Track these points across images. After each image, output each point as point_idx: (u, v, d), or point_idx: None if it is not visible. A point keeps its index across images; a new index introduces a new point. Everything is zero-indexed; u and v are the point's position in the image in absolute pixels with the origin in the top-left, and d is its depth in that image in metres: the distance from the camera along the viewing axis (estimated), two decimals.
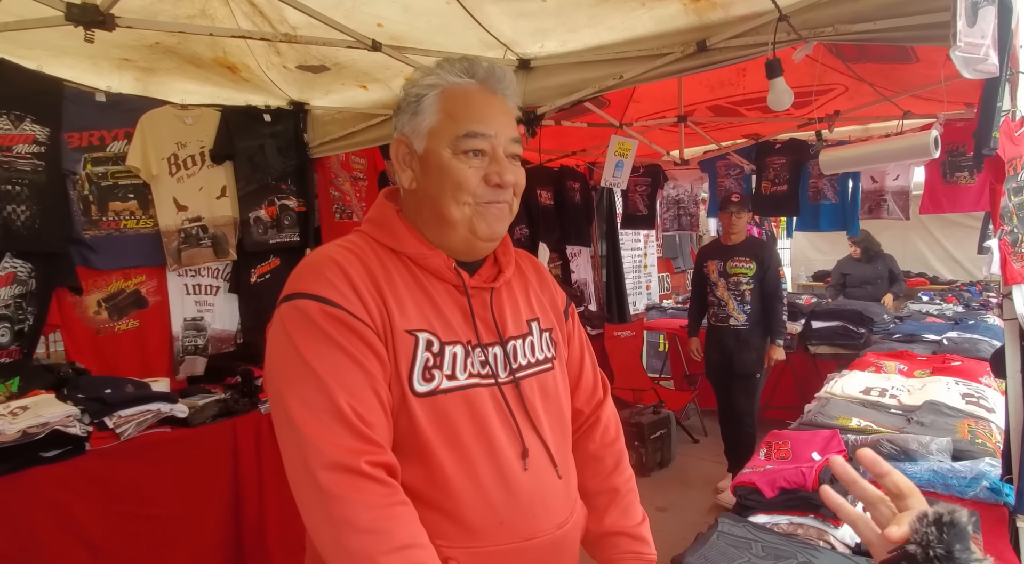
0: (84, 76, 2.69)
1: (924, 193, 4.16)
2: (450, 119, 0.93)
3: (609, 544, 1.06)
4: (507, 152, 0.95)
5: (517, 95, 1.00)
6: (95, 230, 2.73)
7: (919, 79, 3.09)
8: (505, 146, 0.94)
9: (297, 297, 0.86)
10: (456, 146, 0.92)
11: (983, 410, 2.28)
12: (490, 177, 0.92)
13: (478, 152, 0.92)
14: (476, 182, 0.92)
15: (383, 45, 2.36)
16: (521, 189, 0.98)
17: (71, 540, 2.13)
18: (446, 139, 0.92)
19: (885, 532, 0.58)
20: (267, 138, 3.22)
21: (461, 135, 0.92)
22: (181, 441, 2.44)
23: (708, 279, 3.75)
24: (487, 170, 0.93)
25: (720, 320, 3.71)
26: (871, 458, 0.63)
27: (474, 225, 0.93)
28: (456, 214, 0.93)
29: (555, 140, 4.36)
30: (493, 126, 0.93)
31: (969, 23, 1.14)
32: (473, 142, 0.92)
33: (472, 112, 0.93)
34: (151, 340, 2.92)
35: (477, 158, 0.92)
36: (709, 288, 3.75)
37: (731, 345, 3.66)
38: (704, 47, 2.18)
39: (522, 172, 0.97)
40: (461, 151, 0.92)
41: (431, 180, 0.94)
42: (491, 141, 0.93)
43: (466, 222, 0.93)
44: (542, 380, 1.00)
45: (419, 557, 0.78)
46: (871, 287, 5.44)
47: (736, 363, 3.66)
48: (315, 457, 0.77)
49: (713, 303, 3.75)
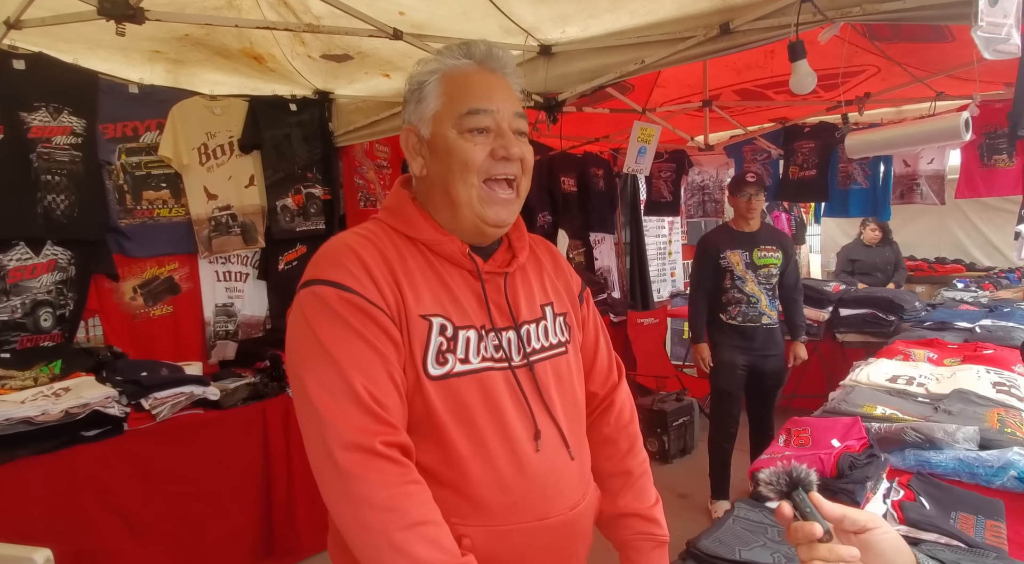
0: (117, 68, 2.78)
1: (960, 177, 4.04)
2: (452, 101, 0.94)
3: (622, 525, 1.08)
4: (512, 128, 0.95)
5: (519, 76, 1.01)
6: (130, 218, 2.82)
7: (954, 59, 2.99)
8: (510, 121, 0.95)
9: (315, 283, 0.89)
10: (460, 125, 0.93)
11: (1015, 399, 2.22)
12: (496, 151, 0.94)
13: (482, 129, 0.94)
14: (482, 158, 0.93)
15: (404, 33, 2.38)
16: (529, 166, 0.98)
17: (111, 515, 2.23)
18: (450, 120, 0.94)
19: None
20: (293, 127, 3.28)
21: (464, 113, 0.93)
22: (213, 423, 2.53)
23: (731, 273, 3.23)
24: (493, 145, 0.94)
25: (750, 320, 3.20)
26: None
27: (481, 211, 0.95)
28: (463, 195, 0.94)
29: (578, 127, 4.33)
30: (495, 101, 0.94)
31: (991, 2, 1.11)
32: (476, 119, 0.93)
33: (472, 90, 0.94)
34: (184, 325, 3.03)
35: (482, 135, 0.94)
36: (732, 283, 3.23)
37: (762, 348, 3.22)
38: (727, 30, 2.15)
39: (529, 148, 0.98)
40: (466, 129, 0.93)
41: (439, 163, 0.96)
42: (494, 117, 0.94)
43: (473, 205, 0.95)
44: (556, 364, 1.02)
45: (433, 533, 0.81)
46: (881, 274, 5.26)
47: (772, 369, 3.26)
48: (333, 437, 0.81)
49: (739, 300, 3.23)
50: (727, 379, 3.25)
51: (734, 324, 3.23)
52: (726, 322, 3.25)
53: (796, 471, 0.62)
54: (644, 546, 1.07)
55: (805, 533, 0.61)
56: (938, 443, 1.74)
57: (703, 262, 3.30)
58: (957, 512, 1.47)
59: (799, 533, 0.61)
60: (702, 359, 3.32)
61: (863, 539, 0.62)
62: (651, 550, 1.07)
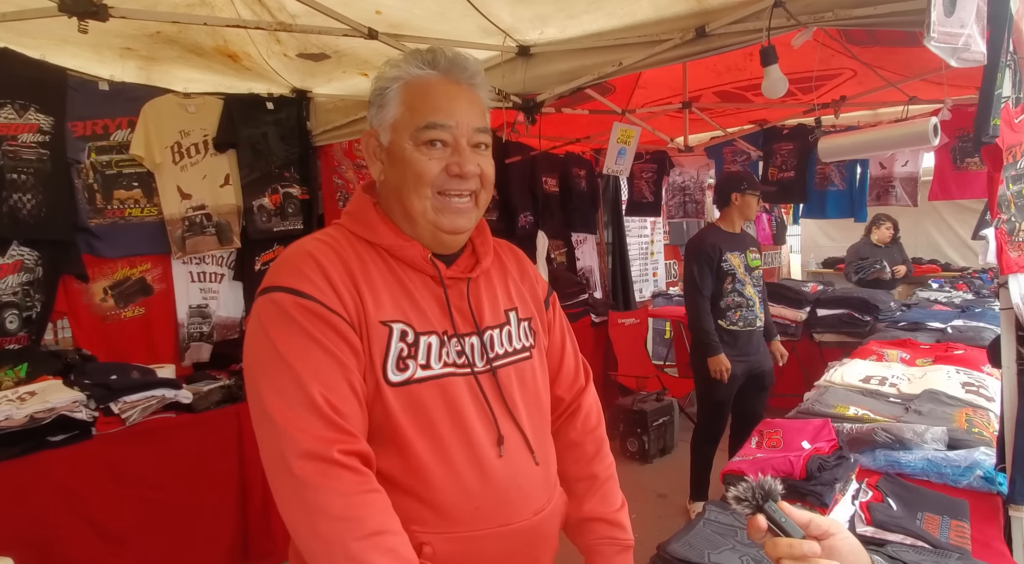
0: (87, 65, 2.71)
1: (933, 179, 4.10)
2: (411, 111, 0.93)
3: (587, 529, 1.08)
4: (471, 142, 0.95)
5: (486, 86, 1.00)
6: (100, 218, 2.77)
7: (928, 63, 3.04)
8: (469, 136, 0.94)
9: (273, 290, 0.88)
10: (417, 138, 0.93)
11: (983, 399, 2.26)
12: (451, 167, 0.93)
13: (439, 142, 0.93)
14: (436, 173, 0.93)
15: (380, 33, 2.36)
16: (488, 179, 0.97)
17: (80, 522, 2.19)
18: (408, 131, 0.93)
19: None
20: (270, 126, 3.24)
21: (421, 126, 0.92)
22: (186, 426, 2.49)
23: (733, 276, 3.09)
24: (448, 160, 0.93)
25: (748, 323, 3.13)
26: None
27: (436, 219, 0.94)
28: (417, 206, 0.94)
29: (560, 127, 4.33)
30: (454, 116, 0.93)
31: (947, 12, 1.12)
32: (433, 133, 0.92)
33: (432, 103, 0.93)
34: (157, 327, 2.98)
35: (438, 149, 0.93)
36: (733, 286, 3.10)
37: (756, 350, 3.19)
38: (703, 33, 2.15)
39: (489, 161, 0.97)
40: (422, 142, 0.92)
41: (396, 172, 0.95)
42: (452, 131, 0.93)
43: (427, 215, 0.94)
44: (520, 369, 1.01)
45: (390, 543, 0.80)
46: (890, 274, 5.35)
47: (768, 368, 3.23)
48: (289, 446, 0.79)
49: (740, 304, 3.12)
50: (727, 390, 3.13)
51: (734, 330, 3.12)
52: (725, 328, 3.12)
53: (766, 484, 0.65)
54: (608, 550, 1.06)
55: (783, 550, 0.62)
56: (907, 443, 1.76)
57: (705, 266, 3.09)
58: (923, 513, 1.49)
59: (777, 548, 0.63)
60: (725, 369, 3.06)
61: (825, 544, 0.64)
62: (615, 555, 1.06)
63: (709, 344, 3.08)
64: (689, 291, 3.17)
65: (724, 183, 3.31)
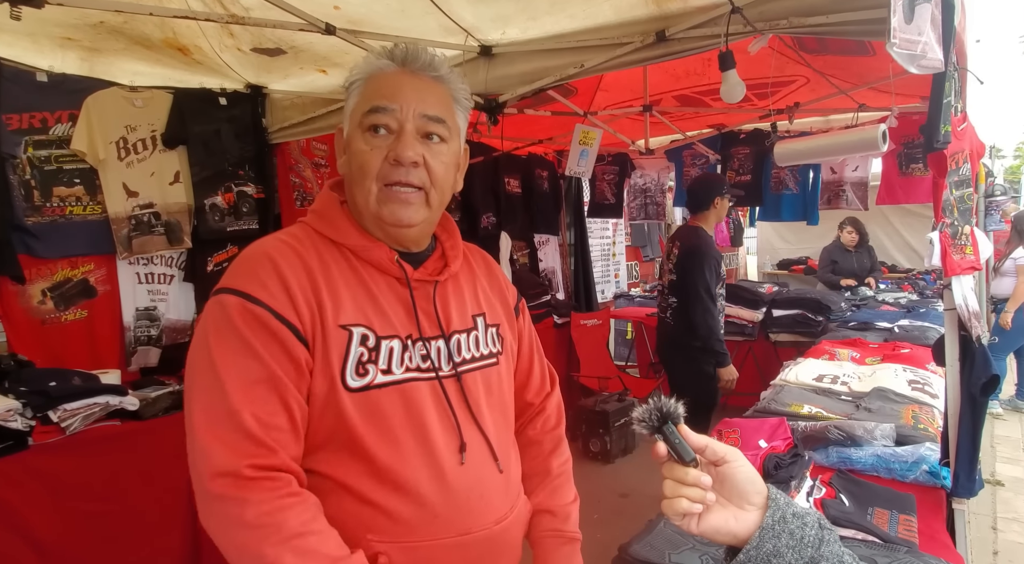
0: (24, 54, 2.56)
1: (881, 184, 4.26)
2: (363, 99, 0.92)
3: (534, 522, 1.07)
4: (420, 130, 0.91)
5: (458, 79, 0.97)
6: (38, 216, 2.61)
7: (876, 72, 3.15)
8: (416, 122, 0.91)
9: (225, 292, 0.85)
10: (363, 123, 0.91)
11: (928, 396, 2.36)
12: (388, 154, 0.90)
13: (381, 127, 0.90)
14: (378, 163, 0.90)
15: (338, 28, 2.30)
16: (437, 174, 0.93)
17: (15, 538, 2.06)
18: (356, 118, 0.92)
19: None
20: (223, 122, 3.12)
21: (366, 111, 0.91)
22: (132, 435, 2.37)
23: (724, 283, 3.07)
24: (389, 148, 0.90)
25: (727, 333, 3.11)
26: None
27: (378, 209, 0.91)
28: (360, 199, 0.91)
29: (522, 128, 4.33)
30: (398, 100, 0.90)
31: (906, 19, 1.16)
32: (375, 117, 0.90)
33: (380, 89, 0.91)
34: (101, 330, 2.83)
35: (381, 137, 0.90)
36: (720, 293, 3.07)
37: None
38: (663, 37, 2.18)
39: (438, 153, 0.93)
40: (366, 128, 0.90)
41: (347, 164, 0.94)
42: (395, 116, 0.90)
43: (371, 206, 0.91)
44: (486, 375, 1.00)
45: (308, 544, 0.78)
46: (859, 277, 5.55)
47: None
48: (204, 462, 0.78)
49: (722, 310, 3.08)
50: (715, 395, 3.10)
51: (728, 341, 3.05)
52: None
53: (666, 406, 0.66)
54: (551, 543, 1.05)
55: (678, 474, 0.66)
56: (858, 440, 1.82)
57: (715, 272, 2.98)
58: (874, 508, 1.54)
59: (673, 473, 0.66)
60: (733, 380, 3.02)
61: (721, 471, 0.67)
62: (558, 547, 1.05)
63: (725, 354, 3.00)
64: (702, 299, 2.95)
65: (705, 186, 3.18)
